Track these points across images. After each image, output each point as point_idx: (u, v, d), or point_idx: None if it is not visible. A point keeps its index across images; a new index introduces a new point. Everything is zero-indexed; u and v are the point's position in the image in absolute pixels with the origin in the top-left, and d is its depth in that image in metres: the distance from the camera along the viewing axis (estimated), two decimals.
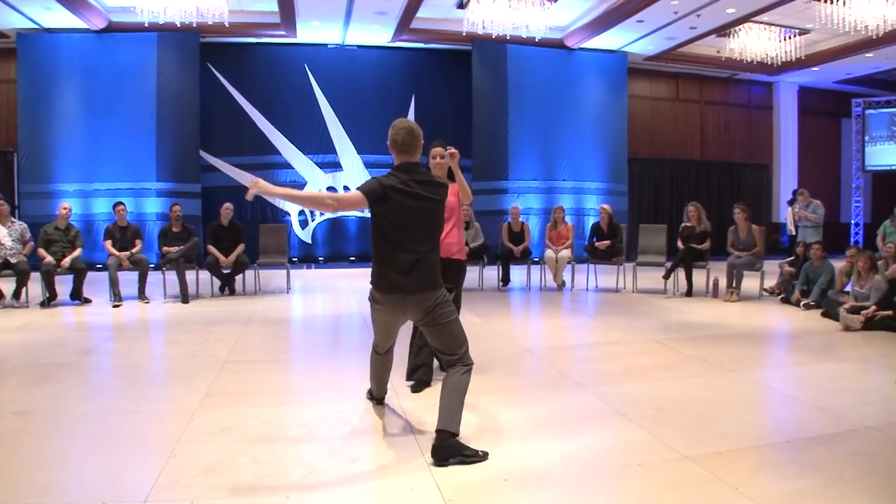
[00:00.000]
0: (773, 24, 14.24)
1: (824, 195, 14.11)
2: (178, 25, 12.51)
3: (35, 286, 9.32)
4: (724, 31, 14.26)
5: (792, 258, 10.28)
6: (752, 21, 13.81)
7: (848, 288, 8.65)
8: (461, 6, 13.29)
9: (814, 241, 9.91)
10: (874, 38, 12.63)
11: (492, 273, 11.39)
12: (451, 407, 3.77)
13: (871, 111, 17.59)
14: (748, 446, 3.92)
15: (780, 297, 9.76)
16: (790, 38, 14.54)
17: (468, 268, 11.23)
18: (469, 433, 4.03)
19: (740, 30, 14.33)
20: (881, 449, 3.91)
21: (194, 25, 12.64)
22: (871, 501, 3.22)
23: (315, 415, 4.47)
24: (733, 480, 3.39)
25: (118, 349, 6.94)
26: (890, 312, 7.29)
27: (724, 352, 6.42)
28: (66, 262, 9.32)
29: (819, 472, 3.54)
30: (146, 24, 12.38)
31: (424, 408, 4.62)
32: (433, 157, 4.93)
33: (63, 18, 12.88)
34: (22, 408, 4.63)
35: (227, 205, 10.54)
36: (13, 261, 9.09)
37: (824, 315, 8.26)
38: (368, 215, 3.96)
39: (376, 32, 14.57)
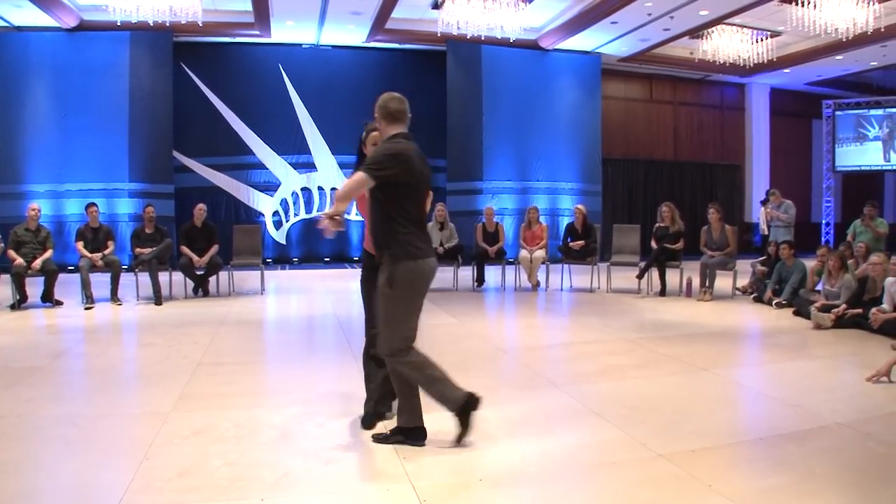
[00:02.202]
0: (745, 27, 14.40)
1: (795, 195, 14.26)
2: (151, 24, 12.39)
3: (5, 288, 9.22)
4: (697, 32, 14.39)
5: (764, 258, 10.39)
6: (724, 23, 13.95)
7: (819, 287, 8.76)
8: (436, 7, 13.30)
9: (784, 240, 10.01)
10: (844, 40, 12.80)
11: (466, 273, 11.39)
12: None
13: (841, 112, 17.81)
14: (722, 444, 3.96)
15: (752, 296, 9.85)
16: (762, 40, 14.71)
17: (443, 267, 11.30)
18: (444, 433, 4.03)
19: (713, 32, 14.48)
20: (852, 445, 3.96)
21: (167, 24, 12.53)
22: (843, 497, 3.26)
23: (290, 417, 4.45)
24: (707, 478, 3.42)
25: (90, 352, 6.87)
26: (860, 311, 7.38)
27: (697, 350, 6.48)
28: (37, 263, 9.19)
29: (791, 469, 3.58)
30: (118, 23, 12.24)
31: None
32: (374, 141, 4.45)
33: (34, 17, 12.72)
34: None
35: (201, 205, 10.47)
36: None
37: (796, 314, 8.35)
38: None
39: (351, 33, 14.54)
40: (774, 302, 9.07)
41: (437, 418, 3.98)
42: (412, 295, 3.88)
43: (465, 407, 3.87)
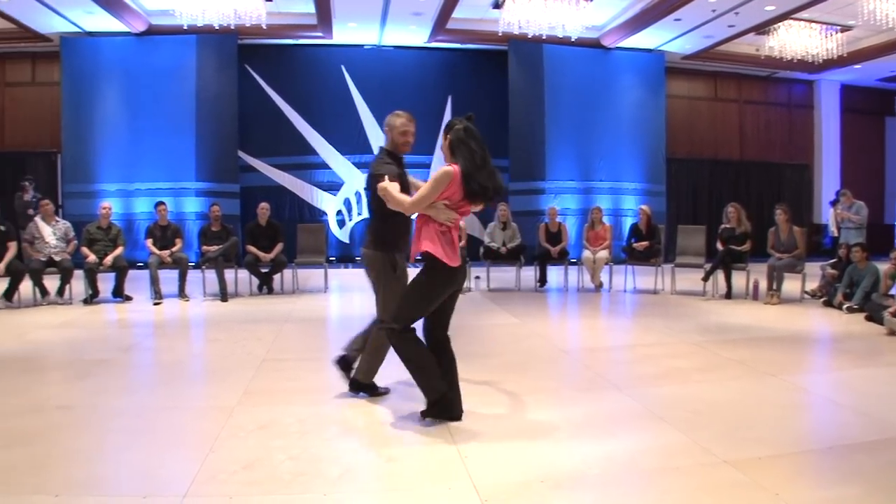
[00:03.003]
0: (813, 21, 13.99)
1: (868, 196, 13.83)
2: (217, 28, 12.64)
3: (78, 284, 9.50)
4: (763, 28, 14.04)
5: (835, 260, 10.11)
6: (792, 18, 13.57)
7: (893, 291, 8.48)
8: (497, 6, 13.26)
9: (856, 242, 9.72)
10: None
11: (529, 274, 11.34)
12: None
13: None
14: (788, 452, 3.87)
15: (822, 299, 9.59)
16: (832, 35, 14.27)
17: (506, 268, 11.31)
18: (504, 433, 4.04)
19: (780, 27, 14.10)
20: None
21: (232, 27, 12.77)
22: None
23: (352, 413, 4.50)
24: (772, 486, 3.34)
25: (158, 346, 7.06)
26: None
27: (763, 355, 6.33)
28: (109, 260, 9.48)
29: (861, 480, 3.47)
30: (185, 27, 12.52)
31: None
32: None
33: (105, 22, 13.12)
34: (64, 402, 4.73)
35: (264, 204, 10.66)
36: (58, 259, 9.30)
37: (868, 319, 8.09)
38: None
39: (413, 33, 14.61)
40: (845, 306, 8.80)
41: (493, 416, 3.97)
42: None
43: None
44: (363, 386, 4.89)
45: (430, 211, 4.10)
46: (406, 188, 4.48)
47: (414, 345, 4.25)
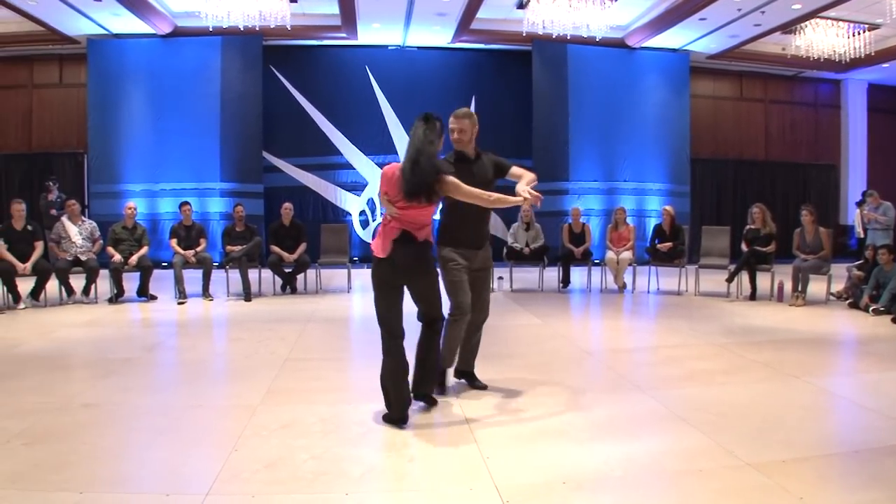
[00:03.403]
0: (840, 20, 13.82)
1: (895, 197, 13.66)
2: (242, 29, 12.71)
3: (104, 283, 9.60)
4: (789, 27, 13.91)
5: (861, 262, 9.99)
6: (818, 17, 13.42)
7: None
8: (521, 6, 13.25)
9: (883, 244, 9.60)
10: None
11: (552, 274, 11.32)
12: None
13: None
14: (813, 455, 3.83)
15: (847, 301, 9.47)
16: (859, 33, 14.09)
17: (529, 268, 11.31)
18: (526, 433, 4.04)
19: (806, 26, 13.94)
20: None
21: (257, 29, 12.83)
22: None
23: (375, 413, 4.49)
24: (797, 490, 3.31)
25: (182, 345, 7.13)
26: None
27: (788, 357, 6.27)
28: (134, 260, 9.58)
29: (888, 485, 3.42)
30: (210, 29, 12.61)
31: (482, 407, 4.63)
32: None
33: (131, 24, 13.25)
34: (89, 400, 4.79)
35: (287, 205, 10.70)
36: (83, 258, 9.41)
37: (894, 321, 8.00)
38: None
39: (436, 34, 14.62)
40: (871, 308, 8.69)
41: (515, 417, 3.97)
42: None
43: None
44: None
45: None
46: (471, 182, 4.49)
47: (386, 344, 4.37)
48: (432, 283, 4.47)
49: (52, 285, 9.26)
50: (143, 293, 9.71)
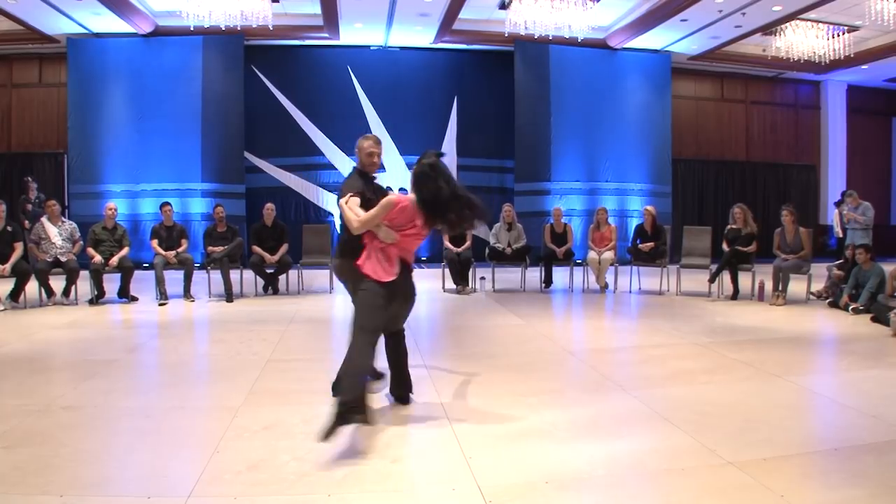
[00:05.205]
0: (820, 22, 13.95)
1: (873, 197, 13.79)
2: (223, 29, 12.67)
3: (84, 284, 9.52)
4: (770, 29, 14.02)
5: (841, 261, 10.07)
6: (798, 19, 13.55)
7: None
8: (503, 7, 13.27)
9: (861, 244, 9.69)
10: None
11: (534, 274, 11.34)
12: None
13: None
14: (794, 453, 3.86)
15: (827, 300, 9.56)
16: (838, 35, 14.22)
17: (511, 268, 11.31)
18: (509, 434, 4.04)
19: (787, 28, 14.06)
20: None
21: (239, 29, 12.79)
22: None
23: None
24: (779, 488, 3.33)
25: (164, 347, 7.07)
26: None
27: (769, 356, 6.31)
28: (114, 261, 9.51)
29: (868, 482, 3.46)
30: (192, 28, 12.57)
31: (464, 407, 4.63)
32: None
33: (111, 23, 13.17)
34: (70, 403, 4.74)
35: (269, 205, 10.67)
36: (63, 259, 9.32)
37: (873, 320, 8.06)
38: None
39: (419, 34, 14.62)
40: (851, 307, 8.76)
41: (498, 417, 3.96)
42: None
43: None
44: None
45: (375, 229, 4.33)
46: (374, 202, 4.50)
47: (368, 350, 4.39)
48: (412, 303, 4.73)
49: (32, 287, 9.16)
50: (124, 294, 9.64)
